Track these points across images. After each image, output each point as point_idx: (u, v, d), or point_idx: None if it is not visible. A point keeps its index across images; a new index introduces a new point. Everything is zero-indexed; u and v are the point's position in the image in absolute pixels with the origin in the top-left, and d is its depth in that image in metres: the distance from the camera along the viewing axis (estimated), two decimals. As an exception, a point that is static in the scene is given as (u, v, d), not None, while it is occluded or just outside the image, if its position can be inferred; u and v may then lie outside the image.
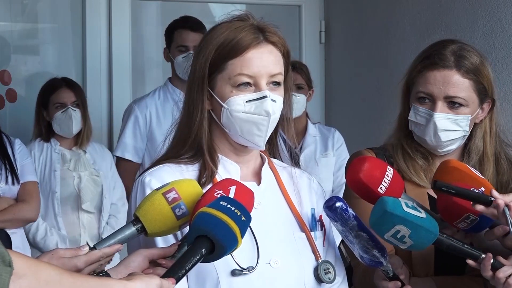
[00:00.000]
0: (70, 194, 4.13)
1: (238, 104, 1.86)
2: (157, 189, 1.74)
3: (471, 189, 1.91)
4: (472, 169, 2.03)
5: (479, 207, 1.92)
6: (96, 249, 1.68)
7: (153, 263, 1.69)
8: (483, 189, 1.95)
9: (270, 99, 1.86)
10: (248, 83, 1.86)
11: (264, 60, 1.87)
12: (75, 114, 4.15)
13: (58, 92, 4.19)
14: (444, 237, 1.85)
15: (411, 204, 1.81)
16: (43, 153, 4.17)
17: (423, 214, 1.80)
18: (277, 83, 1.90)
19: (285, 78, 1.95)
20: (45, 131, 4.21)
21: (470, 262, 1.90)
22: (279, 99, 1.90)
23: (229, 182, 1.76)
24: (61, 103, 4.17)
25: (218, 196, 1.70)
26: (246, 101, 1.86)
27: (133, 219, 1.72)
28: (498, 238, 1.97)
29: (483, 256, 1.89)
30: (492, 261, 1.89)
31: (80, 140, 4.20)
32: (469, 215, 1.90)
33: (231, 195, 1.71)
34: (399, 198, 1.82)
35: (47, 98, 4.20)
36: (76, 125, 4.16)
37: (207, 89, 1.89)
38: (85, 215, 4.14)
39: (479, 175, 2.02)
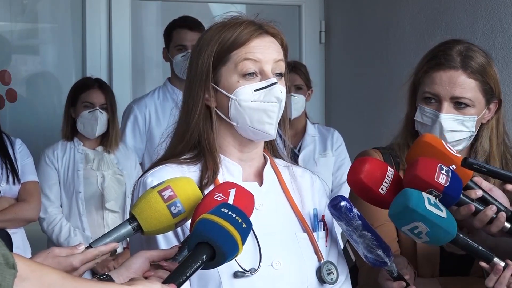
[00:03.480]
0: (93, 194, 4.12)
1: (247, 93, 1.85)
2: (153, 187, 1.73)
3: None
4: (447, 146, 2.00)
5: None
6: (92, 247, 1.67)
7: (154, 265, 1.68)
8: (454, 166, 1.93)
9: (279, 86, 1.87)
10: (254, 73, 1.86)
11: (267, 48, 1.87)
12: (101, 117, 4.13)
13: (89, 92, 4.17)
14: (461, 237, 1.84)
15: (433, 201, 1.79)
16: (66, 154, 4.16)
17: (444, 213, 1.78)
18: (280, 74, 1.90)
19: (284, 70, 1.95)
20: (69, 129, 4.20)
21: (483, 264, 1.90)
22: (284, 90, 1.90)
23: (228, 185, 1.75)
24: (90, 103, 4.15)
25: (218, 199, 1.69)
26: (255, 90, 1.85)
27: (129, 218, 1.72)
28: (466, 218, 1.94)
29: (495, 259, 1.88)
30: (503, 264, 1.89)
31: (108, 144, 4.18)
32: (432, 191, 1.86)
33: (231, 197, 1.70)
34: (423, 193, 1.80)
35: (77, 95, 4.18)
36: (100, 128, 4.14)
37: (211, 85, 1.88)
38: (110, 215, 4.12)
39: (454, 152, 1.99)
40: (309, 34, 5.35)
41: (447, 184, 1.86)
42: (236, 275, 1.79)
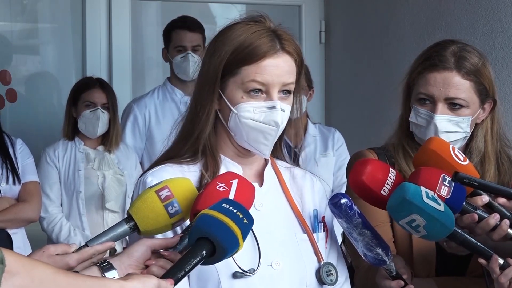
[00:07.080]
0: (94, 193, 4.12)
1: (248, 111, 1.84)
2: (151, 187, 1.73)
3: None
4: (454, 153, 1.98)
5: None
6: (88, 246, 1.67)
7: (156, 254, 1.67)
8: None
9: (280, 109, 1.85)
10: (260, 90, 1.84)
11: (278, 70, 1.85)
12: (103, 116, 4.13)
13: (90, 91, 4.17)
14: (459, 232, 1.84)
15: (431, 195, 1.80)
16: (67, 153, 4.16)
17: (441, 207, 1.78)
18: (288, 92, 1.88)
19: (297, 80, 1.92)
20: (70, 128, 4.20)
21: (482, 261, 1.90)
22: (288, 108, 1.88)
23: (231, 175, 1.75)
24: (92, 102, 4.15)
25: (221, 189, 1.69)
26: (256, 109, 1.84)
27: (126, 217, 1.72)
28: (468, 227, 1.94)
29: (494, 256, 1.88)
30: (502, 262, 1.89)
31: (108, 143, 4.18)
32: None
33: (233, 188, 1.70)
34: (421, 187, 1.81)
35: (78, 95, 4.18)
36: (101, 127, 4.14)
37: (218, 91, 1.88)
38: (110, 215, 4.13)
39: (460, 160, 1.97)
40: (309, 34, 5.35)
41: (449, 196, 1.86)
42: (235, 275, 1.79)
